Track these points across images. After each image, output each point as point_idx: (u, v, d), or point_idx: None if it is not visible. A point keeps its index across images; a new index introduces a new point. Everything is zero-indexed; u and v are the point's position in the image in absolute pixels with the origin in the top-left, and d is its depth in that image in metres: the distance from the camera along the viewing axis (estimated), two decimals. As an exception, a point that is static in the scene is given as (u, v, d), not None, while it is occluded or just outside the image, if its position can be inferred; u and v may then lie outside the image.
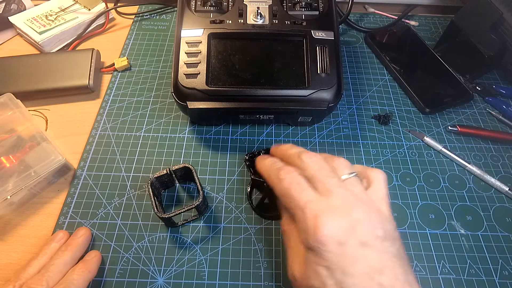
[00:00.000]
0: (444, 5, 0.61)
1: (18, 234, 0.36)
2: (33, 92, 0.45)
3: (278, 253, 0.35)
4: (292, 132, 0.44)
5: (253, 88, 0.38)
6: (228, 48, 0.40)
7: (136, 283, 0.33)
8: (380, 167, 0.41)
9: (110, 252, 0.35)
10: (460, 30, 0.49)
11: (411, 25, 0.58)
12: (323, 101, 0.38)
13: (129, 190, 0.39)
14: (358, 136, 0.44)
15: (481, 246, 0.36)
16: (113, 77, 0.50)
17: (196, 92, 0.37)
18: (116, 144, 0.43)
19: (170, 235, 0.36)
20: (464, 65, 0.50)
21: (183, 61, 0.38)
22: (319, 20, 0.42)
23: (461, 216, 0.38)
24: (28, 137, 0.38)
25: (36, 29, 0.51)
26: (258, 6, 0.42)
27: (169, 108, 0.46)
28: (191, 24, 0.41)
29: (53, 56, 0.48)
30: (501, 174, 0.41)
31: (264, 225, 0.37)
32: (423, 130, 0.45)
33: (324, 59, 0.39)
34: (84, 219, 0.37)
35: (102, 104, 0.46)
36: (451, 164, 0.42)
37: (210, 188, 0.39)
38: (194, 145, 0.43)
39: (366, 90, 0.49)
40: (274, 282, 0.34)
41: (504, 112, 0.46)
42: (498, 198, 0.40)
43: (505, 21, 0.44)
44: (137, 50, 0.53)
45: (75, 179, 0.40)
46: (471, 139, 0.44)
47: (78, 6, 0.56)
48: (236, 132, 0.44)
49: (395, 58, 0.52)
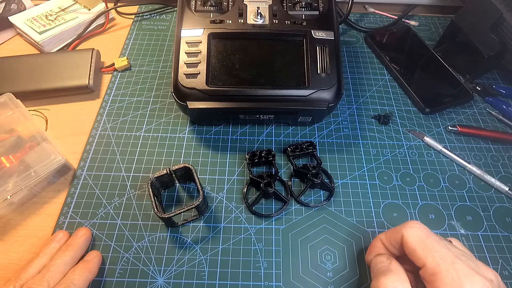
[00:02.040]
0: (444, 5, 0.61)
1: (18, 234, 0.36)
2: (33, 92, 0.45)
3: (278, 253, 0.35)
4: (292, 132, 0.44)
5: (253, 88, 0.38)
6: (228, 48, 0.40)
7: (136, 283, 0.33)
8: (380, 167, 0.42)
9: (110, 252, 0.35)
10: (460, 30, 0.49)
11: (411, 25, 0.58)
12: (323, 101, 0.38)
13: (129, 190, 0.39)
14: (358, 136, 0.44)
15: (481, 246, 0.36)
16: (113, 77, 0.50)
17: (196, 92, 0.37)
18: (116, 144, 0.43)
19: (170, 235, 0.36)
20: (464, 65, 0.50)
21: (183, 61, 0.38)
22: (319, 20, 0.42)
23: (461, 216, 0.38)
24: (28, 137, 0.38)
25: (36, 29, 0.51)
26: (258, 6, 0.42)
27: (169, 108, 0.46)
28: (191, 24, 0.41)
29: (53, 56, 0.48)
30: (501, 174, 0.41)
31: (264, 225, 0.37)
32: (423, 130, 0.45)
33: (324, 59, 0.39)
34: (84, 219, 0.37)
35: (102, 104, 0.46)
36: (451, 164, 0.42)
37: (210, 188, 0.39)
38: (194, 145, 0.43)
39: (366, 90, 0.49)
40: (274, 282, 0.34)
41: (504, 112, 0.46)
42: (498, 198, 0.40)
43: (505, 21, 0.44)
44: (137, 50, 0.53)
45: (75, 179, 0.40)
46: (471, 139, 0.44)
47: (78, 6, 0.56)
48: (236, 132, 0.44)
49: (395, 58, 0.52)
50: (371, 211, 0.38)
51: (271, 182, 0.37)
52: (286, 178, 0.40)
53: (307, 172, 0.38)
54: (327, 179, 0.40)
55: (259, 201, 0.38)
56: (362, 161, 0.42)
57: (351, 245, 0.36)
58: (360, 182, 0.40)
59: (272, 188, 0.37)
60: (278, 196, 0.38)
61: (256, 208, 0.38)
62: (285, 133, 0.44)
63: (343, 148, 0.43)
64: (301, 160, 0.42)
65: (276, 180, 0.39)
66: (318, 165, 0.40)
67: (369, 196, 0.39)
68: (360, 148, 0.43)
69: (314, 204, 0.38)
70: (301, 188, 0.39)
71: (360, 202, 0.39)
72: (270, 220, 0.37)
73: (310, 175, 0.38)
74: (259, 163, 0.40)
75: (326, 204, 0.38)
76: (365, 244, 0.36)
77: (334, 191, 0.39)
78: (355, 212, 0.38)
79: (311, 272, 0.34)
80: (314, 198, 0.39)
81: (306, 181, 0.39)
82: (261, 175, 0.38)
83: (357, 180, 0.40)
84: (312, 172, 0.38)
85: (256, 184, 0.39)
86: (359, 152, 0.43)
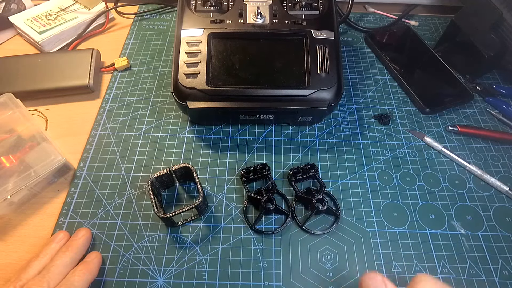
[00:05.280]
0: (444, 5, 0.61)
1: (18, 234, 0.36)
2: (33, 92, 0.45)
3: (278, 253, 0.35)
4: (292, 132, 0.44)
5: (253, 88, 0.38)
6: (228, 48, 0.40)
7: (136, 283, 0.33)
8: (380, 167, 0.42)
9: (110, 252, 0.35)
10: (460, 30, 0.49)
11: (411, 25, 0.58)
12: (323, 101, 0.38)
13: (129, 190, 0.39)
14: (358, 136, 0.44)
15: (481, 246, 0.36)
16: (113, 77, 0.50)
17: (196, 92, 0.37)
18: (116, 144, 0.43)
19: (170, 235, 0.36)
20: (464, 65, 0.50)
21: (183, 60, 0.38)
22: (319, 20, 0.42)
23: (461, 216, 0.38)
24: (28, 137, 0.38)
25: (36, 29, 0.51)
26: (258, 6, 0.42)
27: (169, 108, 0.46)
28: (191, 24, 0.41)
29: (53, 56, 0.48)
30: (501, 174, 0.41)
31: (264, 225, 0.37)
32: (423, 130, 0.45)
33: (324, 59, 0.39)
34: (84, 219, 0.37)
35: (102, 104, 0.46)
36: (451, 164, 0.42)
37: (210, 188, 0.39)
38: (194, 145, 0.43)
39: (366, 90, 0.49)
40: (274, 282, 0.34)
41: (504, 112, 0.46)
42: (498, 198, 0.40)
43: (505, 21, 0.44)
44: (137, 50, 0.53)
45: (75, 179, 0.40)
46: (471, 139, 0.44)
47: (78, 5, 0.55)
48: (236, 132, 0.44)
49: (395, 58, 0.52)
50: (371, 211, 0.38)
51: (271, 198, 0.36)
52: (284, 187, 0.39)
53: (311, 198, 0.36)
54: (332, 202, 0.38)
55: (261, 218, 0.37)
56: (362, 161, 0.42)
57: (351, 245, 0.36)
58: (360, 182, 0.40)
59: (273, 204, 0.36)
60: (279, 211, 0.37)
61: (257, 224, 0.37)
62: (285, 133, 0.44)
63: (343, 148, 0.43)
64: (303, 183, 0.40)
65: (274, 193, 0.37)
66: (321, 188, 0.38)
67: (369, 196, 0.39)
68: (360, 148, 0.43)
69: (319, 231, 0.36)
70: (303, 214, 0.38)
71: (360, 202, 0.39)
72: (270, 220, 0.37)
73: (315, 202, 0.36)
74: (254, 179, 0.39)
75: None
76: (365, 244, 0.36)
77: (340, 217, 0.37)
78: (355, 212, 0.38)
79: (311, 272, 0.34)
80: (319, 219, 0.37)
81: (311, 208, 0.37)
82: (259, 191, 0.37)
83: (357, 180, 0.40)
84: (317, 198, 0.36)
85: (255, 202, 0.38)
86: (359, 152, 0.43)
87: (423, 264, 0.35)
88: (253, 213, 0.38)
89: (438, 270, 0.35)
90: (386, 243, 0.36)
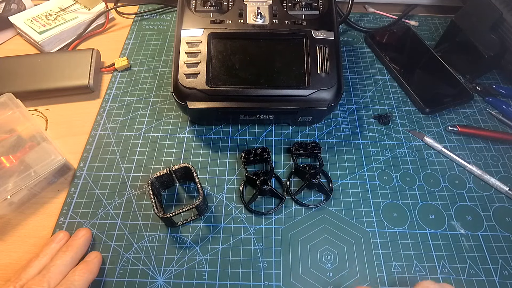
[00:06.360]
0: (444, 5, 0.61)
1: (18, 234, 0.36)
2: (33, 92, 0.45)
3: (278, 253, 0.35)
4: (292, 132, 0.44)
5: (253, 88, 0.38)
6: (228, 48, 0.40)
7: (136, 283, 0.33)
8: (380, 167, 0.42)
9: (110, 252, 0.35)
10: (460, 30, 0.49)
11: (411, 25, 0.58)
12: (323, 101, 0.38)
13: (129, 190, 0.39)
14: (358, 136, 0.44)
15: (481, 246, 0.36)
16: (113, 77, 0.50)
17: (196, 92, 0.37)
18: (116, 144, 0.43)
19: (170, 235, 0.36)
20: (464, 65, 0.50)
21: (183, 61, 0.38)
22: (319, 20, 0.42)
23: (461, 216, 0.38)
24: (28, 137, 0.38)
25: (36, 29, 0.51)
26: (258, 6, 0.42)
27: (169, 108, 0.46)
28: (191, 24, 0.41)
29: (53, 56, 0.48)
30: (501, 174, 0.41)
31: (264, 225, 0.37)
32: (423, 130, 0.45)
33: (324, 59, 0.39)
34: (84, 219, 0.37)
35: (102, 104, 0.46)
36: (451, 164, 0.42)
37: (210, 188, 0.39)
38: (194, 145, 0.43)
39: (366, 90, 0.49)
40: (274, 282, 0.34)
41: (504, 112, 0.46)
42: (498, 198, 0.40)
43: (505, 21, 0.44)
44: (137, 50, 0.53)
45: (75, 179, 0.40)
46: (471, 139, 0.44)
47: (78, 6, 0.55)
48: (236, 132, 0.44)
49: (395, 58, 0.52)
50: (371, 211, 0.38)
51: (267, 179, 0.37)
52: (284, 178, 0.40)
53: (306, 172, 0.38)
54: (326, 181, 0.40)
55: (255, 199, 0.38)
56: (362, 161, 0.42)
57: (351, 245, 0.36)
58: (360, 182, 0.40)
59: (268, 185, 0.37)
60: (274, 194, 0.38)
61: (253, 206, 0.38)
62: (285, 133, 0.44)
63: (343, 148, 0.43)
64: (305, 160, 0.42)
65: (272, 177, 0.39)
66: (320, 166, 0.40)
67: (369, 196, 0.39)
68: (360, 148, 0.43)
69: (313, 204, 0.38)
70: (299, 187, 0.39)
71: (360, 202, 0.39)
72: (270, 220, 0.37)
73: (308, 175, 0.38)
74: (255, 161, 0.40)
75: (326, 204, 0.38)
76: (365, 244, 0.36)
77: (331, 194, 0.39)
78: (355, 212, 0.38)
79: (311, 272, 0.34)
80: (314, 198, 0.39)
81: (304, 181, 0.39)
82: (257, 173, 0.38)
83: (357, 180, 0.40)
84: (311, 173, 0.38)
85: (252, 182, 0.39)
86: (359, 152, 0.43)
87: (423, 264, 0.35)
88: (250, 195, 0.38)
89: (438, 270, 0.35)
90: (386, 243, 0.36)
